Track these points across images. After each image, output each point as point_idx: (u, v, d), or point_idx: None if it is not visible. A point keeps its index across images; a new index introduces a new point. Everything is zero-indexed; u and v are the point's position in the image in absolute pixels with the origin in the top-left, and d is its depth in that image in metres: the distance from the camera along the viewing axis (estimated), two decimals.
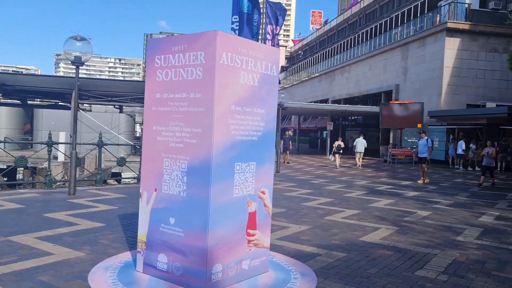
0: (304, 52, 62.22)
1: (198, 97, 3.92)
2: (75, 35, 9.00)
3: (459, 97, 25.32)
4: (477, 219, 8.13)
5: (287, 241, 5.87)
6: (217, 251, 3.95)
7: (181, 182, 4.04)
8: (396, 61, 30.48)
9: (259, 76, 4.30)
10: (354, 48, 38.72)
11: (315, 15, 70.23)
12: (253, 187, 4.32)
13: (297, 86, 53.07)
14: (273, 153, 4.61)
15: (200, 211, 3.90)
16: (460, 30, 25.34)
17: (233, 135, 4.05)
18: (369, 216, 8.04)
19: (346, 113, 35.13)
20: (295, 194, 10.59)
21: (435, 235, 6.67)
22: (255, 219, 4.38)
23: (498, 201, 10.69)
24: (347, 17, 48.79)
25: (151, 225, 4.27)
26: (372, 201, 9.98)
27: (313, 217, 7.72)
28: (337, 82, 40.44)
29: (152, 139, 4.28)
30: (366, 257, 5.26)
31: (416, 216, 8.24)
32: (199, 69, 3.92)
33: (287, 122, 57.68)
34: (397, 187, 13.03)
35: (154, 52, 4.27)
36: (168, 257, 4.13)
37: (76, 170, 9.20)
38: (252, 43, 4.25)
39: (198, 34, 3.96)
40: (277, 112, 21.23)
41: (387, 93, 31.44)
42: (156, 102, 4.25)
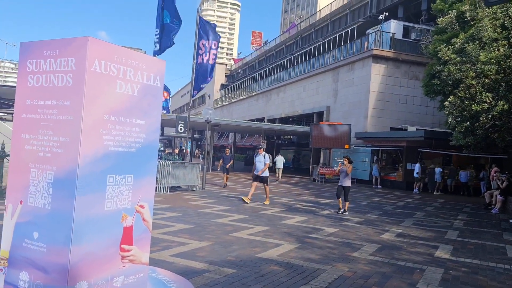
0: (243, 71, 62.97)
1: (67, 104, 3.74)
2: None
3: (383, 120, 26.63)
4: (378, 236, 8.44)
5: (181, 258, 5.73)
6: (81, 268, 3.74)
7: (46, 194, 3.81)
8: (328, 84, 31.61)
9: (140, 87, 4.20)
10: (290, 70, 39.73)
11: (255, 35, 71.60)
12: (129, 201, 4.16)
13: (236, 104, 53.41)
14: (155, 165, 4.49)
15: (64, 225, 3.68)
16: (385, 57, 26.81)
17: (105, 145, 3.89)
18: (276, 232, 8.10)
19: (279, 132, 35.73)
20: (210, 211, 10.48)
21: (333, 251, 6.82)
22: (131, 234, 4.21)
23: (405, 219, 11.21)
24: (284, 39, 50.16)
25: (15, 240, 3.97)
26: (285, 218, 10.09)
27: (218, 233, 7.63)
28: (273, 101, 41.18)
29: (20, 148, 4.02)
30: (255, 273, 5.25)
31: (322, 233, 8.41)
32: (69, 76, 3.75)
33: (224, 140, 57.69)
34: (316, 205, 13.32)
35: (26, 56, 4.05)
36: (30, 275, 3.84)
37: None
38: (131, 52, 4.16)
39: (70, 39, 3.81)
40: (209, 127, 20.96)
41: (319, 114, 32.42)
42: (26, 109, 4.01)
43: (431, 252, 7.25)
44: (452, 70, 14.70)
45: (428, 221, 11.15)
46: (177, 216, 9.28)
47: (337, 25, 38.82)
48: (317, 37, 41.40)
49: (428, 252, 7.23)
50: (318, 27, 42.27)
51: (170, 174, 14.30)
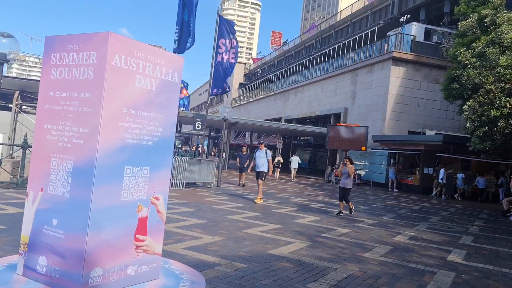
0: (262, 71, 63.07)
1: (88, 97, 3.88)
2: (2, 32, 8.71)
3: (401, 123, 26.40)
4: (391, 238, 8.42)
5: (193, 251, 5.84)
6: (97, 255, 3.87)
7: (66, 183, 3.95)
8: (346, 85, 31.47)
9: (158, 82, 4.31)
10: (308, 70, 39.67)
11: (275, 35, 71.62)
12: (145, 192, 4.28)
13: (253, 103, 53.56)
14: (170, 159, 4.60)
15: (81, 212, 3.82)
16: (405, 60, 26.58)
17: (124, 137, 4.01)
18: (288, 231, 8.16)
19: (296, 133, 35.71)
20: (224, 207, 10.60)
21: (344, 251, 6.85)
22: (145, 224, 4.33)
23: (419, 223, 11.14)
24: (304, 39, 50.08)
25: (35, 226, 4.13)
26: (298, 217, 10.14)
27: (231, 229, 7.74)
28: (291, 102, 41.17)
29: (42, 138, 4.18)
30: (265, 268, 5.32)
31: (334, 232, 8.44)
32: (91, 69, 3.88)
33: (241, 139, 57.89)
34: (330, 206, 13.31)
35: (50, 49, 4.20)
36: (48, 260, 3.99)
37: None
38: (151, 48, 4.27)
39: (92, 34, 3.94)
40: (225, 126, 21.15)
41: (337, 116, 32.29)
42: (49, 100, 4.16)
43: (444, 256, 7.22)
44: (472, 74, 14.53)
45: (442, 226, 11.06)
46: (192, 211, 9.42)
47: (358, 26, 38.59)
48: (337, 38, 41.23)
49: (440, 256, 7.20)
50: (338, 28, 42.10)
51: (186, 170, 14.47)
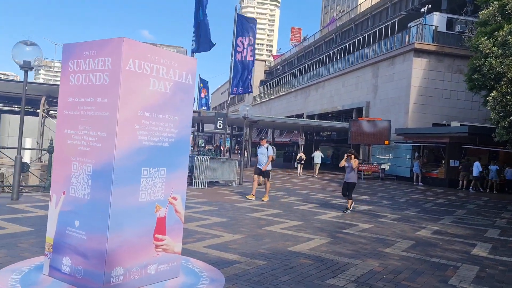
0: (282, 67, 62.91)
1: (104, 101, 3.99)
2: (25, 40, 8.98)
3: (425, 116, 25.93)
4: (414, 233, 8.32)
5: (214, 249, 5.92)
6: (118, 254, 3.99)
7: (86, 185, 4.09)
8: (367, 79, 31.09)
9: (172, 84, 4.40)
10: (329, 65, 39.36)
11: (294, 31, 71.26)
12: (162, 193, 4.39)
13: (275, 100, 53.51)
14: (187, 159, 4.68)
15: (102, 214, 3.94)
16: (427, 51, 26.07)
17: (140, 140, 4.12)
18: (309, 227, 8.16)
19: (318, 128, 35.52)
20: (246, 205, 10.67)
21: (365, 246, 6.81)
22: (164, 224, 4.43)
23: (444, 217, 10.95)
24: (324, 34, 49.68)
25: (58, 228, 4.28)
26: (320, 213, 10.12)
27: (252, 227, 7.80)
28: (312, 97, 40.95)
29: (63, 143, 4.32)
30: (285, 265, 5.36)
31: (356, 228, 8.40)
32: (106, 75, 4.00)
33: (263, 136, 57.95)
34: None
35: (68, 56, 4.34)
36: (71, 260, 4.14)
37: (20, 175, 9.10)
38: (163, 51, 4.36)
39: (106, 40, 4.05)
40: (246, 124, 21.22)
41: (359, 110, 31.96)
42: (68, 106, 4.30)
43: (468, 250, 7.10)
44: (494, 64, 14.15)
45: (468, 219, 10.85)
46: (213, 210, 9.52)
47: (378, 19, 38.04)
48: (357, 32, 40.74)
49: (464, 249, 7.08)
50: (358, 22, 41.59)
51: (208, 169, 14.61)
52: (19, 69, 9.11)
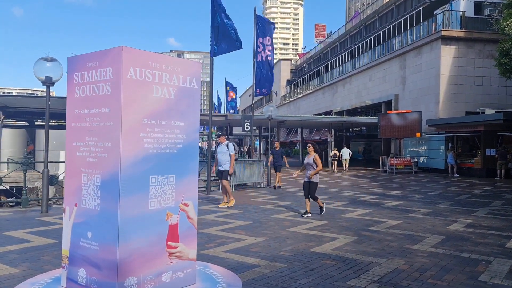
0: (308, 65, 62.38)
1: (108, 112, 3.99)
2: (46, 56, 9.21)
3: (457, 104, 25.06)
4: (445, 227, 7.99)
5: (234, 253, 5.85)
6: (130, 264, 3.97)
7: (96, 196, 4.10)
8: (395, 71, 30.38)
9: (176, 90, 4.36)
10: (355, 60, 38.74)
11: (318, 28, 70.50)
12: (173, 200, 4.35)
13: (302, 99, 53.12)
14: (196, 165, 4.63)
15: (111, 224, 3.94)
16: (455, 38, 25.20)
17: (146, 148, 4.10)
18: (334, 226, 7.97)
19: (347, 124, 34.95)
20: (271, 207, 10.56)
21: (392, 244, 6.58)
22: (176, 231, 4.39)
23: (479, 209, 10.49)
24: (348, 29, 48.94)
25: (73, 239, 4.32)
26: (347, 211, 9.89)
27: (275, 229, 7.68)
28: (339, 93, 40.39)
29: (73, 155, 4.36)
30: (305, 267, 5.22)
31: (383, 225, 8.14)
32: (108, 85, 4.00)
33: (293, 135, 57.65)
34: (382, 197, 12.88)
35: (73, 69, 4.38)
36: (86, 271, 4.16)
37: (48, 188, 9.33)
38: (165, 57, 4.33)
39: (107, 50, 4.06)
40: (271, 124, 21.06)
41: (387, 103, 31.26)
42: (75, 118, 4.34)
43: (502, 242, 6.74)
44: None
45: (505, 210, 10.35)
46: (238, 213, 9.47)
47: (402, 9, 37.09)
48: (382, 24, 39.89)
49: (498, 243, 6.73)
50: (382, 13, 40.71)
51: (235, 172, 14.57)
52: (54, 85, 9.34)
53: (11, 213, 9.20)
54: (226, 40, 12.75)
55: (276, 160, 16.07)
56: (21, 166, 10.94)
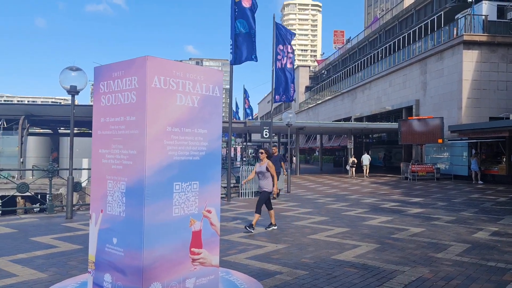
0: (327, 72, 62.20)
1: (133, 120, 4.08)
2: (71, 66, 9.44)
3: (480, 110, 24.61)
4: (470, 235, 7.84)
5: (256, 260, 5.86)
6: (154, 270, 4.02)
7: (121, 203, 4.17)
8: (415, 76, 30.03)
9: (199, 98, 4.43)
10: (374, 65, 38.48)
11: (337, 34, 70.33)
12: (196, 206, 4.39)
13: (321, 105, 52.95)
14: (219, 172, 4.67)
15: (136, 230, 4.00)
16: (477, 42, 24.80)
17: (170, 155, 4.16)
18: (356, 234, 7.91)
19: (366, 131, 34.67)
20: (292, 214, 10.54)
21: (415, 252, 6.49)
22: (200, 237, 4.43)
23: (505, 216, 10.26)
24: (367, 34, 48.66)
25: (99, 245, 4.39)
26: (368, 218, 9.79)
27: (296, 236, 7.66)
28: (359, 100, 40.12)
29: (98, 162, 4.45)
30: (327, 274, 5.20)
31: (406, 233, 8.04)
32: (133, 93, 4.08)
33: (312, 142, 57.44)
34: (404, 204, 12.71)
35: (99, 78, 4.48)
36: (112, 277, 4.23)
37: (72, 195, 9.52)
38: (189, 66, 4.40)
39: (132, 60, 4.15)
40: (290, 131, 21.04)
41: (408, 109, 30.89)
42: (101, 126, 4.43)
43: None
44: None
45: None
46: (258, 220, 9.46)
47: (423, 13, 36.73)
48: (402, 29, 39.55)
49: None
50: (402, 18, 40.38)
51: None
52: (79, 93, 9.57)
53: (37, 219, 9.41)
54: (245, 50, 12.87)
55: (276, 167, 14.91)
56: (46, 173, 11.19)
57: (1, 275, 4.98)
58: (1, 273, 5.06)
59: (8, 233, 7.64)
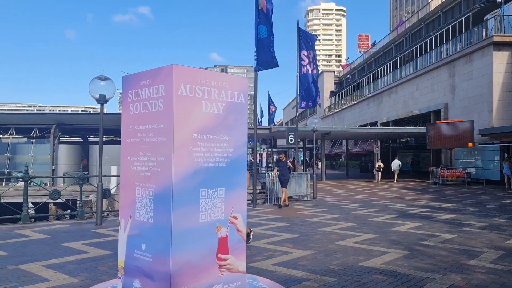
0: (352, 76, 61.68)
1: (160, 127, 4.15)
2: (100, 75, 9.68)
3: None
4: (504, 242, 7.60)
5: (282, 267, 5.84)
6: (182, 276, 4.06)
7: (149, 209, 4.24)
8: (443, 79, 29.43)
9: (225, 105, 4.47)
10: (400, 69, 37.93)
11: (362, 38, 69.71)
12: (222, 213, 4.42)
13: (347, 110, 52.49)
14: (245, 178, 4.69)
15: (164, 236, 4.05)
16: (508, 43, 24.12)
17: (196, 162, 4.20)
18: (384, 240, 7.78)
19: (393, 135, 34.14)
20: (318, 220, 10.45)
21: (446, 259, 6.33)
22: (226, 244, 4.45)
23: None
24: (393, 38, 48.06)
25: (128, 251, 4.47)
26: (396, 225, 9.62)
27: (323, 242, 7.60)
28: (385, 104, 39.58)
29: (127, 169, 4.54)
30: (355, 282, 5.13)
31: (436, 239, 7.85)
32: (160, 101, 4.16)
33: (337, 147, 56.92)
34: (433, 210, 12.43)
35: (127, 87, 4.59)
36: (141, 282, 4.29)
37: (102, 201, 9.72)
38: (214, 74, 4.45)
39: (159, 68, 4.23)
40: (315, 136, 20.98)
41: (436, 113, 30.28)
42: (129, 134, 4.53)
43: None
44: None
45: None
46: (285, 226, 9.45)
47: (450, 15, 36.03)
48: (428, 31, 38.88)
49: None
50: (428, 21, 39.70)
51: (279, 185, 14.56)
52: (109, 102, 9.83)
53: (68, 225, 9.64)
54: (267, 55, 12.91)
55: (282, 174, 13.75)
56: (77, 180, 11.47)
57: (35, 280, 5.13)
58: (34, 278, 5.21)
59: (42, 239, 7.87)
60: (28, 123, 28.31)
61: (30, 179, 11.17)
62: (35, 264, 5.92)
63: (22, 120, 29.86)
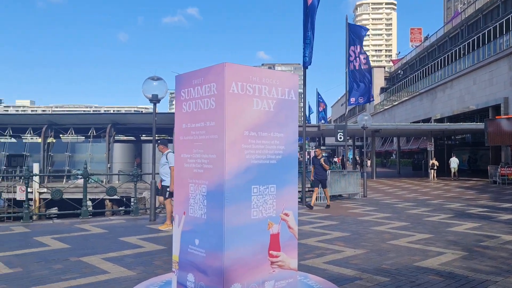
0: (403, 71, 59.81)
1: (212, 125, 4.22)
2: (153, 76, 9.98)
3: None
4: None
5: (334, 265, 5.77)
6: (234, 271, 4.11)
7: (202, 205, 4.33)
8: (503, 72, 27.89)
9: (275, 102, 4.47)
10: (455, 63, 36.34)
11: (414, 32, 67.37)
12: (274, 209, 4.43)
13: (398, 107, 51.00)
14: (296, 175, 4.67)
15: (217, 232, 4.12)
16: None
17: (247, 159, 4.24)
18: (440, 240, 7.49)
19: (448, 132, 32.77)
20: (370, 219, 10.24)
21: (508, 261, 6.01)
22: (278, 240, 4.46)
23: None
24: (447, 30, 46.10)
25: (182, 246, 4.59)
26: (453, 225, 9.24)
27: (375, 241, 7.44)
28: (439, 99, 38.06)
29: (181, 166, 4.66)
30: (410, 282, 4.98)
31: (497, 240, 7.47)
32: (212, 99, 4.23)
33: (388, 145, 55.45)
34: (493, 210, 11.83)
35: (180, 86, 4.70)
36: (194, 277, 4.39)
37: (155, 198, 10.03)
38: (265, 71, 4.47)
39: (210, 67, 4.30)
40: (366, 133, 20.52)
41: (495, 108, 28.74)
42: (183, 132, 4.64)
43: None
44: None
45: None
46: (335, 225, 9.33)
47: (510, 5, 34.06)
48: (486, 22, 36.96)
49: None
50: (486, 11, 37.74)
51: (330, 183, 14.40)
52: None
53: (124, 221, 10.04)
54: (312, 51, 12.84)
55: (317, 172, 12.44)
56: (131, 178, 11.91)
57: (96, 272, 5.38)
58: (95, 270, 5.47)
59: (100, 233, 8.25)
60: (85, 123, 29.73)
61: (89, 177, 11.74)
62: (95, 256, 6.21)
63: (80, 120, 31.44)
